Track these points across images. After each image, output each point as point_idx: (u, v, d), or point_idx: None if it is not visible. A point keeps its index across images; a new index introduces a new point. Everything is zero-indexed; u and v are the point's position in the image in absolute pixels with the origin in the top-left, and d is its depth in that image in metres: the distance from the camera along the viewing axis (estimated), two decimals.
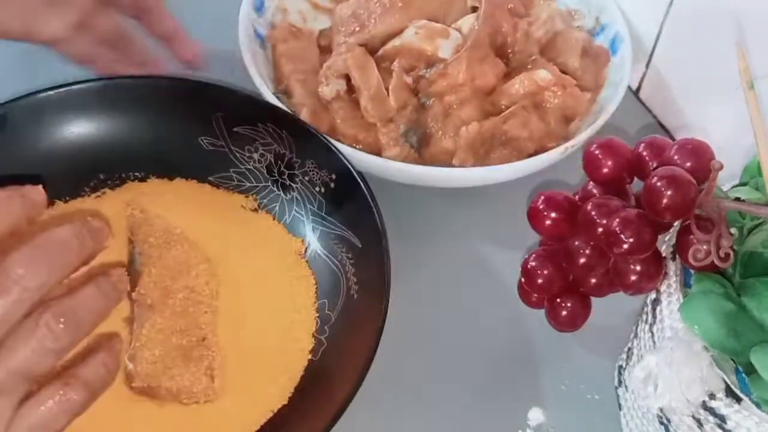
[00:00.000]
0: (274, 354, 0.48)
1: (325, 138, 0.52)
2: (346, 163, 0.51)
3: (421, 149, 0.56)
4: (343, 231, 0.51)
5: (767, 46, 0.49)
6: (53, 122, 0.53)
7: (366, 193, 0.49)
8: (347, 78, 0.58)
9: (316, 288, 0.51)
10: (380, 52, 0.59)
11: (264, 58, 0.60)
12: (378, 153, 0.55)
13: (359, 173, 0.51)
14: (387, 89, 0.56)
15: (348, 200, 0.51)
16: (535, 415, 0.48)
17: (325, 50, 0.62)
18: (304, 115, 0.56)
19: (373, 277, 0.47)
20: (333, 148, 0.52)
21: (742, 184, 0.40)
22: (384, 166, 0.53)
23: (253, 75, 0.56)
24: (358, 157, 0.53)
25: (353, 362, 0.44)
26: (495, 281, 0.54)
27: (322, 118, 0.56)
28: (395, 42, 0.58)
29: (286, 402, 0.46)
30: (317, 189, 0.52)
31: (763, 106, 0.38)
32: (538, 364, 0.50)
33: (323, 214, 0.52)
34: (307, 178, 0.53)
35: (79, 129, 0.54)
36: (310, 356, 0.48)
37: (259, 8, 0.62)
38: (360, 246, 0.49)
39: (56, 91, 0.53)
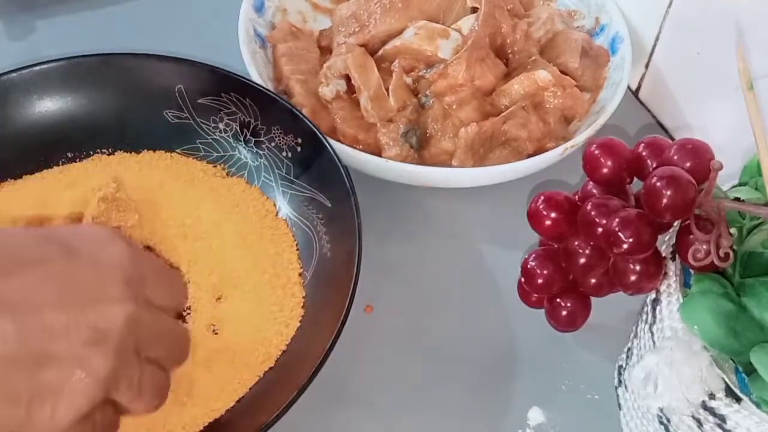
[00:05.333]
0: (269, 313, 0.49)
1: (288, 103, 0.54)
2: (312, 126, 0.52)
3: (420, 150, 0.56)
4: (312, 192, 0.52)
5: (766, 46, 0.49)
6: (18, 104, 0.54)
7: (332, 153, 0.51)
8: (347, 78, 0.58)
9: (297, 244, 0.52)
10: (380, 52, 0.59)
11: (264, 58, 0.60)
12: (378, 153, 0.55)
13: (324, 135, 0.51)
14: (387, 89, 0.57)
15: (315, 162, 0.52)
16: (535, 415, 0.48)
17: (326, 50, 0.62)
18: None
19: (344, 233, 0.48)
20: (297, 113, 0.53)
21: (742, 184, 0.40)
22: (384, 166, 0.53)
23: (253, 75, 0.56)
24: (358, 157, 0.53)
25: (331, 317, 0.45)
26: (495, 281, 0.54)
27: (322, 118, 0.56)
28: (395, 42, 0.59)
29: (273, 364, 0.47)
30: (284, 154, 0.53)
31: (763, 106, 0.38)
32: (537, 364, 0.50)
33: (291, 177, 0.53)
34: (273, 144, 0.54)
35: (44, 109, 0.55)
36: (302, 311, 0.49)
37: (259, 8, 0.62)
38: (329, 205, 0.51)
39: (19, 72, 0.54)
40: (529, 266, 0.46)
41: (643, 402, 0.39)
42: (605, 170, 0.43)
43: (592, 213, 0.41)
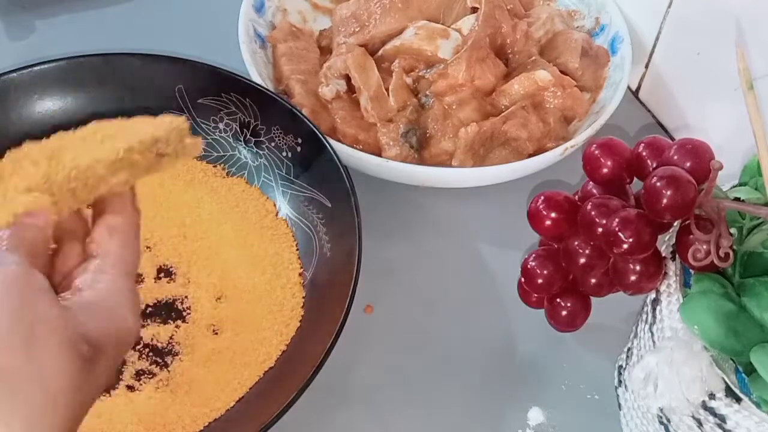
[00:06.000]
0: (269, 313, 0.49)
1: (288, 103, 0.54)
2: (311, 126, 0.52)
3: (420, 150, 0.56)
4: (312, 192, 0.52)
5: (766, 46, 0.49)
6: (18, 104, 0.54)
7: (332, 153, 0.51)
8: (347, 78, 0.58)
9: (297, 244, 0.52)
10: (380, 52, 0.59)
11: (264, 58, 0.60)
12: (378, 153, 0.55)
13: (324, 135, 0.51)
14: (387, 89, 0.57)
15: (315, 162, 0.52)
16: (535, 415, 0.48)
17: (325, 50, 0.62)
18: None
19: (344, 233, 0.48)
20: (297, 113, 0.53)
21: (742, 184, 0.40)
22: (384, 166, 0.53)
23: (253, 75, 0.56)
24: (358, 157, 0.53)
25: (331, 317, 0.45)
26: (495, 281, 0.54)
27: (322, 118, 0.56)
28: (395, 42, 0.59)
29: (273, 364, 0.47)
30: (284, 154, 0.53)
31: (763, 106, 0.38)
32: (538, 364, 0.50)
33: (291, 177, 0.53)
34: (273, 144, 0.54)
35: (44, 109, 0.55)
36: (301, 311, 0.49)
37: (259, 8, 0.62)
38: (329, 205, 0.51)
39: (19, 72, 0.54)
40: (529, 266, 0.46)
41: (643, 402, 0.39)
42: (605, 170, 0.43)
43: (592, 213, 0.41)
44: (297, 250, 0.51)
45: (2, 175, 0.35)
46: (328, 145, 0.51)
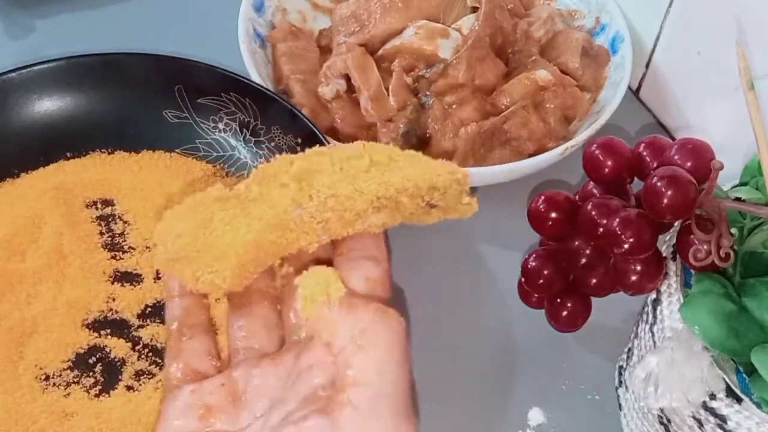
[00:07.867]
0: None
1: (288, 103, 0.53)
2: (311, 126, 0.52)
3: (420, 150, 0.56)
4: None
5: (767, 46, 0.49)
6: (18, 104, 0.54)
7: None
8: (347, 78, 0.58)
9: None
10: (380, 52, 0.59)
11: (264, 58, 0.60)
12: None
13: (324, 135, 0.51)
14: (387, 89, 0.56)
15: None
16: (536, 416, 0.48)
17: (325, 50, 0.62)
18: None
19: None
20: (297, 113, 0.53)
21: (743, 183, 0.40)
22: None
23: (253, 75, 0.56)
24: None
25: None
26: (495, 281, 0.54)
27: (322, 118, 0.56)
28: (395, 42, 0.58)
29: None
30: (284, 153, 0.53)
31: (763, 105, 0.38)
32: (538, 365, 0.50)
33: None
34: (273, 144, 0.54)
35: (43, 109, 0.55)
36: None
37: (258, 8, 0.62)
38: None
39: (19, 72, 0.54)
40: (529, 266, 0.46)
41: (644, 402, 0.38)
42: (606, 170, 0.42)
43: (593, 213, 0.41)
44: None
45: (245, 199, 0.31)
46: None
